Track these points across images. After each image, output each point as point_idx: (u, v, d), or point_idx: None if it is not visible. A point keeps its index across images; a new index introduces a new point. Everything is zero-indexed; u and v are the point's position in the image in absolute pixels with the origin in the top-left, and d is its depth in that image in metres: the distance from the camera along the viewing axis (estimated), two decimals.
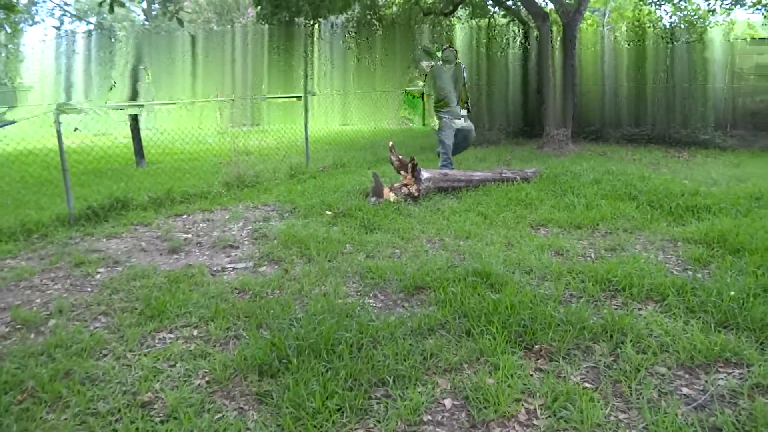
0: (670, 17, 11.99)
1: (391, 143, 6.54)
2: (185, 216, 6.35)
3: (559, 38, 11.08)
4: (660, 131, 11.16)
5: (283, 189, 7.20)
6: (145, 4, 18.88)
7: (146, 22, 24.59)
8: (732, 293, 3.52)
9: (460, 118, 7.81)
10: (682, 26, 11.66)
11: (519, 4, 11.71)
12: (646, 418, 2.48)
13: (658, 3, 12.57)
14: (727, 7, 11.79)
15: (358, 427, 2.51)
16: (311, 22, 10.55)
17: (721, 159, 9.29)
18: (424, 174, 6.57)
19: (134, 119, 9.22)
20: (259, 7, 9.85)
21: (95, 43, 10.14)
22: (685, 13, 11.99)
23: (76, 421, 2.58)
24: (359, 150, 10.77)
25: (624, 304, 3.66)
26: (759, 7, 12.21)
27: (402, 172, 6.56)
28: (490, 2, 13.10)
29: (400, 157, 6.52)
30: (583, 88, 11.98)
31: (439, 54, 6.54)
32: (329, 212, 6.03)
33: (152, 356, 3.14)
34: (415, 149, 10.62)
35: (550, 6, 10.76)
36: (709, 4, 11.65)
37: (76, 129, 8.95)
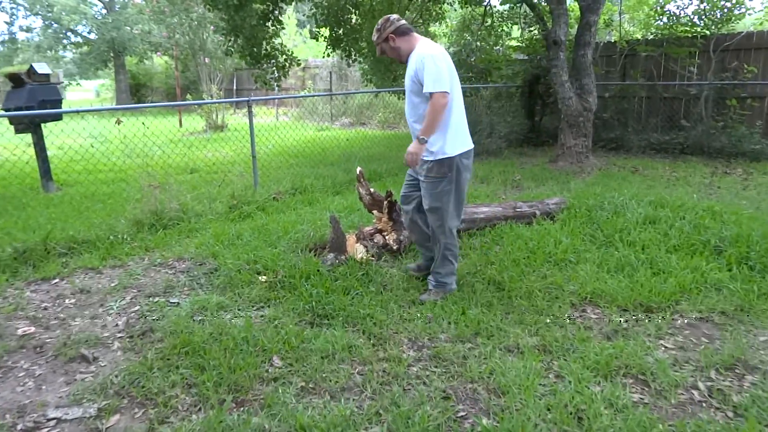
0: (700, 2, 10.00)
1: (359, 170, 4.49)
2: (56, 281, 4.28)
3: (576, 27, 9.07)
4: (696, 139, 9.18)
5: (212, 232, 5.13)
6: None
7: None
8: None
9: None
10: (713, 14, 9.72)
11: None
12: None
13: None
14: None
15: None
16: (269, 7, 8.48)
17: None
18: None
19: (36, 131, 7.10)
20: None
21: None
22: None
23: None
24: (329, 165, 8.70)
25: None
26: None
27: (375, 211, 4.52)
28: None
29: (372, 190, 4.48)
30: (599, 87, 9.98)
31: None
32: (263, 279, 3.98)
33: None
34: (399, 168, 8.57)
35: None
36: None
37: None
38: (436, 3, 11.03)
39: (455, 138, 3.47)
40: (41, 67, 7.17)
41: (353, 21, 10.19)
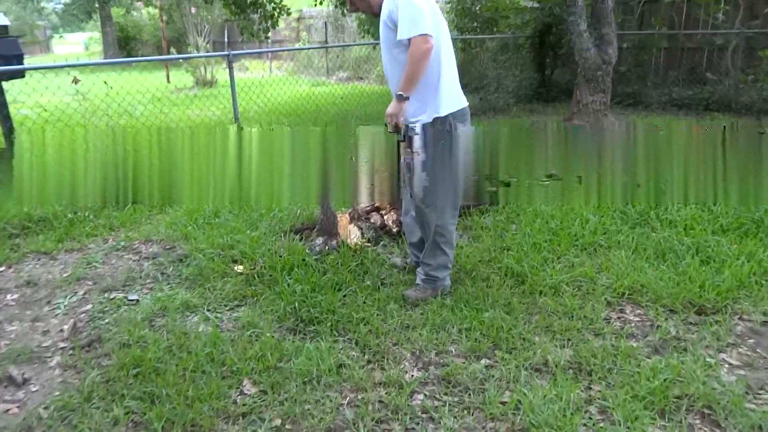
0: None
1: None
2: (1, 269, 3.69)
3: None
4: (722, 94, 8.43)
5: (185, 208, 4.50)
6: None
7: None
8: None
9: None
10: None
11: None
12: None
13: None
14: None
15: None
16: None
17: None
18: None
19: None
20: None
21: None
22: None
23: None
24: (324, 126, 7.99)
25: None
26: None
27: None
28: None
29: None
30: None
31: None
32: (239, 269, 3.37)
33: None
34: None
35: None
36: None
37: None
38: None
39: (447, 95, 2.83)
40: None
41: None
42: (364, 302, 2.97)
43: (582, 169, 4.86)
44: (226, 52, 5.71)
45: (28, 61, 6.92)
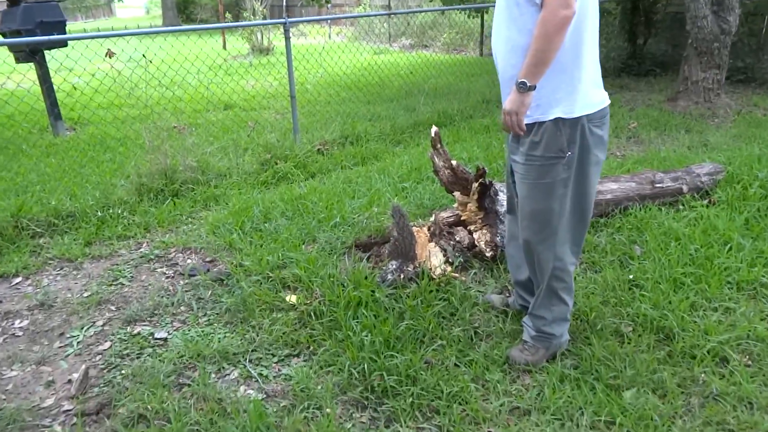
0: None
1: (434, 129, 3.04)
2: (18, 280, 3.14)
3: None
4: None
5: (232, 207, 3.83)
6: None
7: None
8: None
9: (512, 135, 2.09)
10: None
11: None
12: None
13: None
14: None
15: None
16: None
17: None
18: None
19: (38, 60, 5.86)
20: None
21: None
22: None
23: None
24: (387, 102, 7.19)
25: None
26: None
27: (457, 193, 3.09)
28: None
29: (454, 163, 3.02)
30: None
31: None
32: (292, 299, 2.68)
33: None
34: (474, 107, 6.93)
35: None
36: None
37: None
38: None
39: (586, 88, 1.94)
40: None
41: None
42: (455, 365, 2.22)
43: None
44: (282, 20, 4.96)
45: (90, 25, 6.35)
